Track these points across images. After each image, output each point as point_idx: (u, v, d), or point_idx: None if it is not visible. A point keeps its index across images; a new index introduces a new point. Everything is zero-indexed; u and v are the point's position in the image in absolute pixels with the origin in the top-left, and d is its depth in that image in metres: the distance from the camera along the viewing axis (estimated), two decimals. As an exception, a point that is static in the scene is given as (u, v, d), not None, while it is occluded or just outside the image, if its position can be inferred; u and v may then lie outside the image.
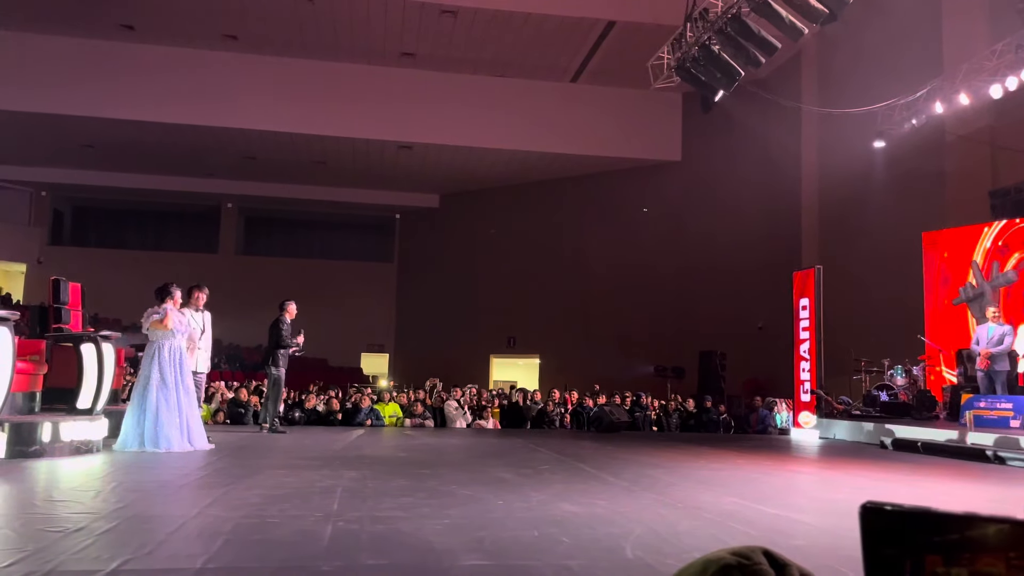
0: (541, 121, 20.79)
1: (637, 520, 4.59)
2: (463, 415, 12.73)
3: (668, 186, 21.41)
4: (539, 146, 21.10)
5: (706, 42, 10.21)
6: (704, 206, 20.40)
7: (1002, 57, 11.82)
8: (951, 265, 13.92)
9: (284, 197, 25.95)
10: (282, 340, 10.16)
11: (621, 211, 22.15)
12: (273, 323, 10.38)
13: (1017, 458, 7.88)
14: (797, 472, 7.82)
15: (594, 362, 20.44)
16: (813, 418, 12.10)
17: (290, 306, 10.43)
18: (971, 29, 13.81)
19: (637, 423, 12.86)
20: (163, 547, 3.56)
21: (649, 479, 6.37)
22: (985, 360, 10.06)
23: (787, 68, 18.61)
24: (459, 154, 21.78)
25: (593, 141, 21.07)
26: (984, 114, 13.27)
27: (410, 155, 22.09)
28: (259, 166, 23.64)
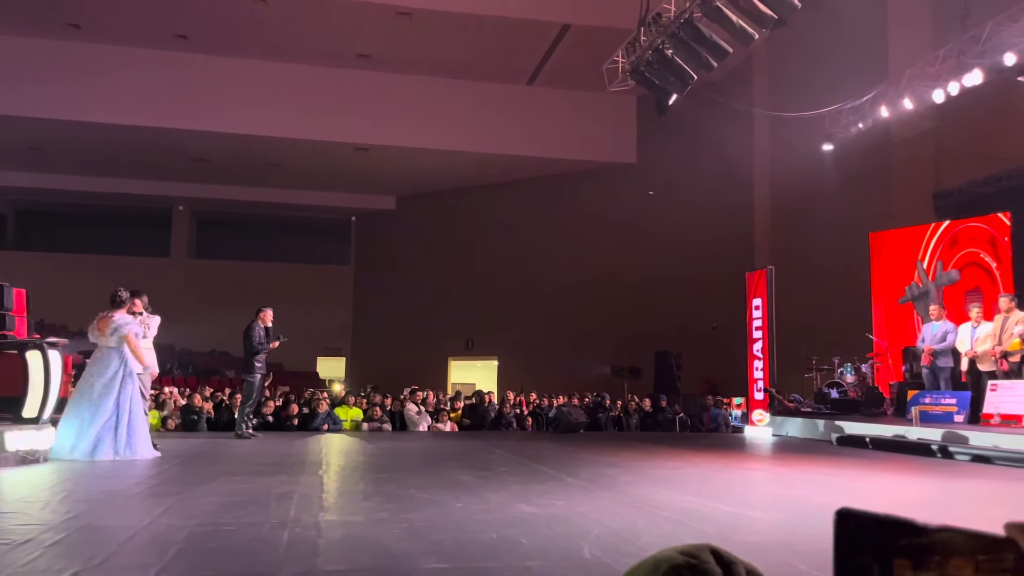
0: (497, 123, 20.84)
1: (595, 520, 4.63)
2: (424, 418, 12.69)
3: (624, 188, 21.61)
4: (496, 148, 21.14)
5: (660, 46, 10.35)
6: (659, 208, 20.64)
7: (945, 63, 12.18)
8: (898, 265, 14.30)
9: (237, 200, 25.56)
10: (253, 347, 10.03)
11: (578, 213, 22.29)
12: (246, 329, 10.23)
13: (961, 452, 8.13)
14: (751, 469, 7.96)
15: (552, 363, 20.54)
16: (766, 416, 12.32)
17: (266, 313, 10.30)
18: (915, 36, 14.21)
19: (599, 423, 12.96)
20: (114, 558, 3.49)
21: (607, 479, 6.43)
22: (929, 357, 10.36)
23: (739, 72, 18.92)
24: (415, 156, 21.70)
25: (549, 143, 21.17)
26: (928, 118, 13.66)
27: (366, 157, 21.94)
28: (211, 168, 23.26)
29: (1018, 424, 8.68)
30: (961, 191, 14.10)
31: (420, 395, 13.33)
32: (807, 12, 10.43)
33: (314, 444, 9.63)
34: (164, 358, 18.71)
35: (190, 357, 24.05)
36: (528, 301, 22.38)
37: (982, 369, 9.64)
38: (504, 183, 23.45)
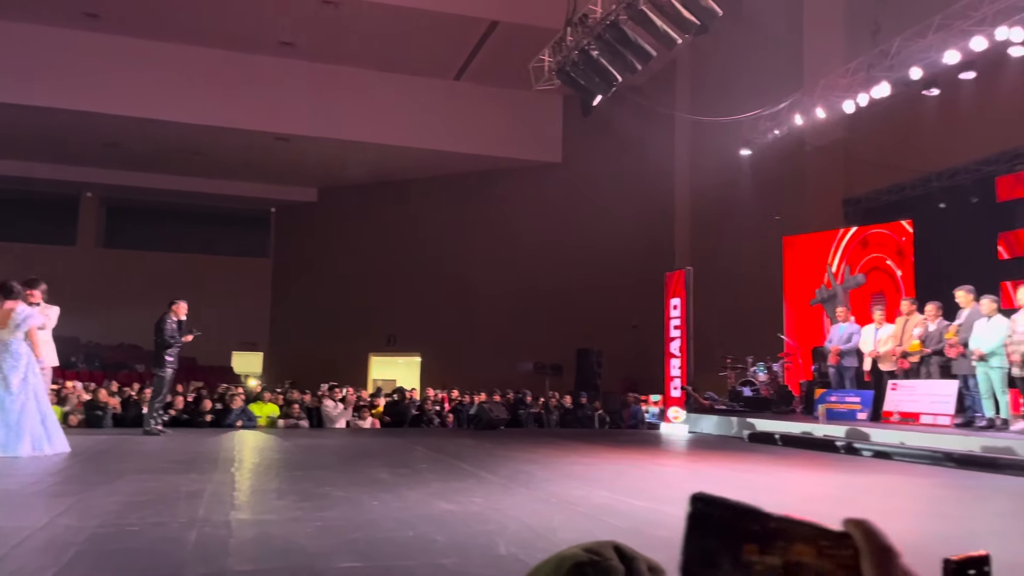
0: (423, 118, 20.68)
1: (512, 516, 4.64)
2: (343, 415, 12.50)
3: (549, 187, 21.76)
4: (421, 143, 20.98)
5: (585, 47, 10.45)
6: (583, 207, 20.88)
7: (855, 75, 12.69)
8: (809, 268, 14.84)
9: (151, 187, 24.61)
10: (165, 340, 9.66)
11: (503, 211, 22.33)
12: (157, 322, 9.84)
13: (863, 447, 8.50)
14: (665, 465, 8.13)
15: (476, 360, 20.53)
16: (682, 413, 12.61)
17: (178, 305, 9.92)
18: (829, 48, 14.76)
19: (520, 420, 13.02)
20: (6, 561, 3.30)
21: (525, 475, 6.47)
22: (835, 357, 10.79)
23: (663, 76, 19.29)
24: (338, 148, 21.33)
25: (475, 140, 21.14)
26: (839, 127, 14.21)
27: (287, 147, 21.45)
28: (123, 153, 22.33)
29: (915, 421, 9.13)
30: (868, 198, 14.73)
31: (339, 391, 13.13)
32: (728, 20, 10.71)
33: (227, 441, 9.36)
34: (68, 351, 17.91)
35: (97, 350, 23.06)
36: (452, 297, 22.31)
37: (883, 369, 10.10)
38: (429, 178, 23.30)
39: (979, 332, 8.50)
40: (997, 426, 8.33)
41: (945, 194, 12.98)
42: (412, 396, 14.51)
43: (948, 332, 9.00)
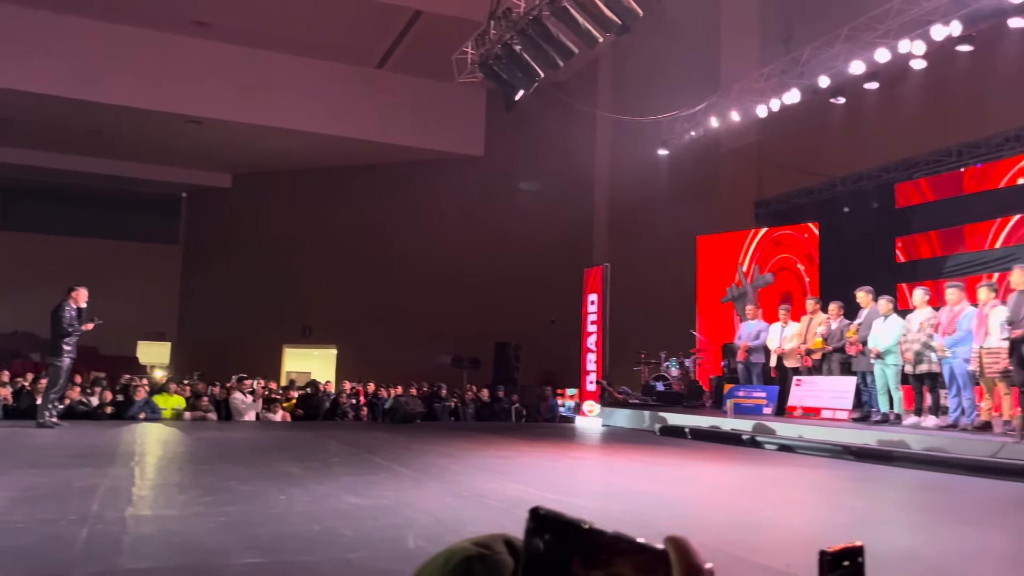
0: (343, 105, 20.28)
1: (423, 510, 4.60)
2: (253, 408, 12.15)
3: (470, 180, 21.69)
4: (340, 131, 20.56)
5: (508, 41, 10.44)
6: (505, 201, 20.90)
7: (769, 80, 13.10)
8: (721, 267, 15.26)
9: (48, 167, 23.31)
10: (62, 328, 9.16)
11: (424, 202, 22.13)
12: (54, 309, 9.31)
13: (768, 441, 8.79)
14: (579, 458, 8.22)
15: (393, 353, 20.31)
16: (597, 407, 12.79)
17: (78, 292, 9.41)
18: (744, 53, 15.19)
19: (435, 413, 12.94)
20: None
21: (438, 469, 6.43)
22: (744, 353, 11.13)
23: (585, 74, 19.48)
24: (254, 133, 20.70)
25: (396, 130, 20.86)
26: (752, 131, 14.66)
27: (200, 131, 20.69)
28: (16, 130, 21.07)
29: (817, 416, 9.50)
30: (779, 201, 15.24)
31: (249, 383, 12.76)
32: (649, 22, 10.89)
33: (128, 434, 8.97)
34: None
35: (-12, 338, 21.78)
36: (370, 289, 21.99)
37: (788, 365, 10.47)
38: (349, 167, 22.88)
39: (877, 331, 8.89)
40: (891, 421, 8.75)
41: (849, 199, 13.55)
42: (326, 389, 14.24)
43: (849, 331, 9.39)
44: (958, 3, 9.81)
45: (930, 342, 8.28)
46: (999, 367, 7.63)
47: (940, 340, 8.16)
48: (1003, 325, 7.51)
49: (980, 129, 11.58)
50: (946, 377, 8.21)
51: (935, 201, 12.43)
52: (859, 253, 13.00)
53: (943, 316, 8.27)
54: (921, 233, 12.56)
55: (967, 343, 7.96)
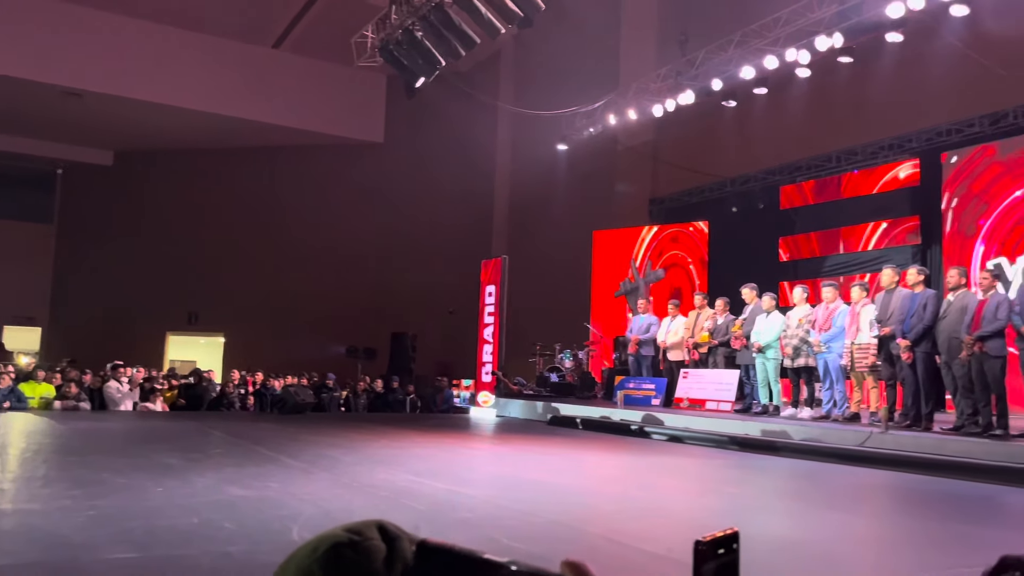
0: (236, 85, 19.50)
1: (310, 501, 4.49)
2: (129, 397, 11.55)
3: (370, 167, 21.31)
4: (233, 111, 19.77)
5: (410, 27, 10.30)
6: (404, 190, 20.63)
7: (665, 81, 13.45)
8: (615, 261, 15.60)
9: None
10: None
11: (321, 188, 21.60)
12: None
13: (656, 432, 9.04)
14: (472, 449, 8.22)
15: (285, 342, 19.76)
16: (492, 397, 12.84)
17: None
18: (642, 52, 15.53)
19: (323, 404, 12.66)
20: None
21: (328, 460, 6.28)
22: (634, 346, 11.41)
23: (488, 65, 19.47)
24: (139, 109, 19.62)
25: (293, 113, 20.24)
26: (648, 130, 15.03)
27: (79, 104, 19.46)
28: None
29: (702, 407, 9.85)
30: (672, 199, 15.70)
31: (127, 371, 12.13)
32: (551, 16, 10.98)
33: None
34: None
35: None
36: (262, 275, 21.28)
37: (676, 359, 10.79)
38: (242, 149, 22.05)
39: (759, 327, 9.29)
40: (770, 412, 9.16)
41: (738, 199, 14.09)
42: (211, 378, 13.70)
43: (734, 326, 9.76)
44: (841, 16, 10.33)
45: (807, 337, 8.71)
46: (868, 362, 8.11)
47: (817, 336, 8.60)
48: (873, 323, 7.98)
49: (858, 137, 12.26)
50: (820, 371, 8.66)
51: (816, 204, 13.09)
52: (745, 251, 13.55)
53: (819, 313, 8.71)
54: (803, 234, 13.21)
55: (841, 339, 8.42)
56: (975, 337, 6.75)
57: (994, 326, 6.71)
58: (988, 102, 10.61)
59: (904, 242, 11.74)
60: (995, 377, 6.75)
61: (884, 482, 6.25)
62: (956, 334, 6.98)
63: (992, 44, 9.96)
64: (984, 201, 10.81)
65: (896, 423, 7.60)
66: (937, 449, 6.61)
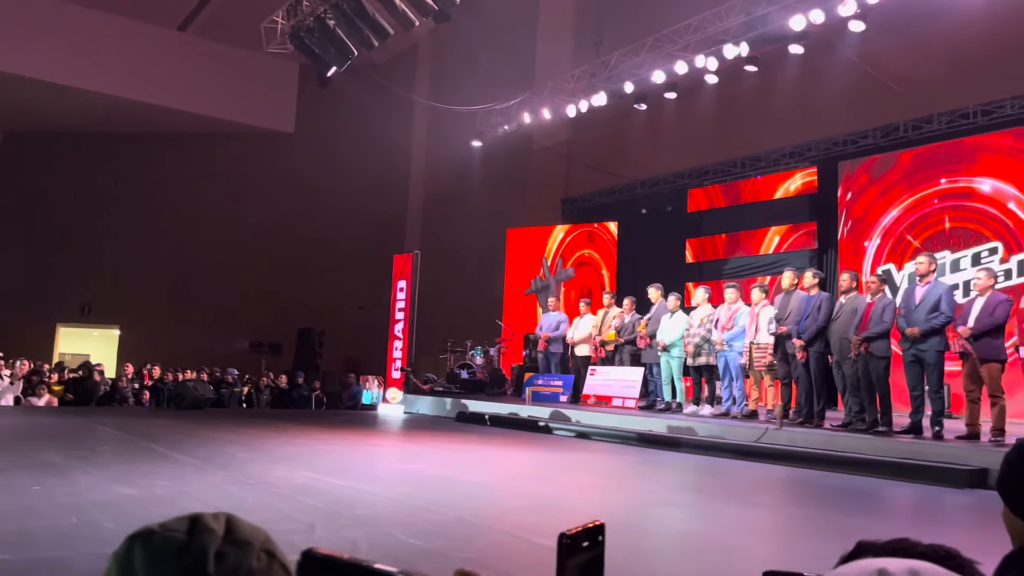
0: (138, 67, 18.63)
1: (202, 499, 4.32)
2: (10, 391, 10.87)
3: (279, 157, 20.76)
4: (133, 94, 18.89)
5: (322, 14, 10.06)
6: (315, 182, 20.18)
7: (579, 82, 13.60)
8: (528, 259, 15.68)
9: None
10: None
11: (227, 177, 20.88)
12: None
13: (562, 428, 9.12)
14: (377, 445, 8.10)
15: (185, 336, 19.02)
16: (400, 394, 12.70)
17: None
18: (558, 52, 15.66)
19: (223, 400, 12.24)
20: None
21: (225, 457, 6.07)
22: (544, 343, 11.48)
23: (404, 58, 19.25)
24: (33, 88, 18.53)
25: (198, 98, 19.50)
26: (563, 129, 15.16)
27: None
28: None
29: (608, 404, 9.99)
30: (584, 199, 15.89)
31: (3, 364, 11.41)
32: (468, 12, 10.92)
33: None
34: None
35: None
36: (162, 266, 20.44)
37: (583, 355, 10.92)
38: (142, 134, 21.10)
39: (664, 326, 9.49)
40: (673, 409, 9.38)
41: (647, 201, 14.38)
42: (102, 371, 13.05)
43: (640, 325, 9.95)
44: (747, 26, 10.67)
45: (709, 337, 8.96)
46: (766, 361, 8.40)
47: (719, 335, 8.85)
48: (772, 321, 8.27)
49: (762, 144, 12.70)
50: (721, 369, 8.92)
51: (721, 208, 13.50)
52: (654, 252, 13.84)
53: (721, 313, 8.97)
54: (708, 236, 13.60)
55: (741, 338, 8.69)
56: (861, 338, 7.09)
57: (879, 328, 7.06)
58: (881, 115, 11.17)
59: (802, 246, 12.23)
60: (879, 376, 7.10)
61: (778, 476, 6.48)
62: (846, 335, 7.30)
63: (886, 60, 10.48)
64: (875, 210, 11.37)
65: (790, 420, 7.91)
66: (827, 445, 6.90)
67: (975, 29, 9.70)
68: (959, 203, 10.50)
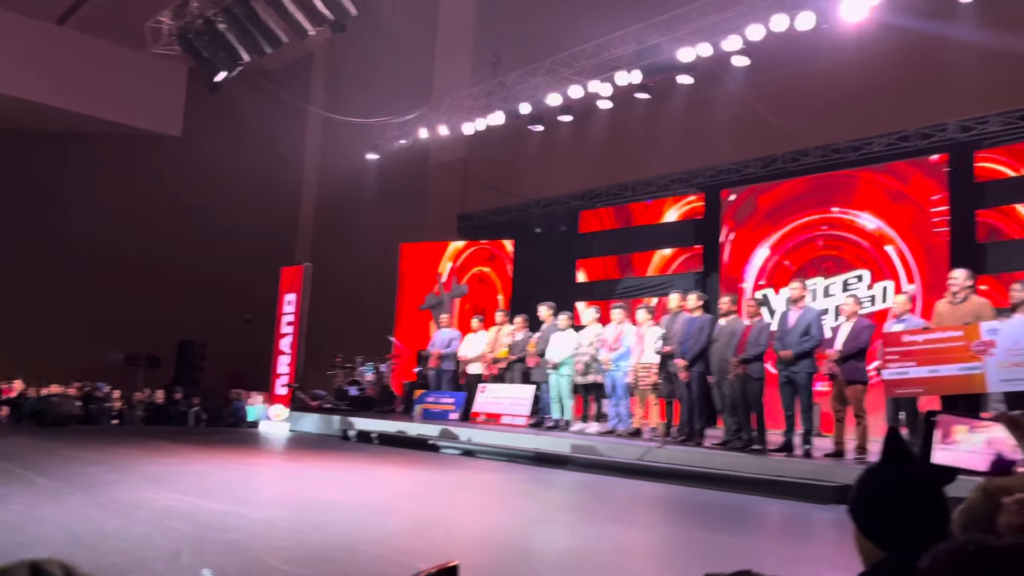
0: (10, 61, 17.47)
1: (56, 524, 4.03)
2: None
3: (164, 161, 19.85)
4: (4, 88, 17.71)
5: (211, 17, 9.72)
6: (202, 189, 19.38)
7: (477, 99, 13.66)
8: (422, 274, 15.56)
9: None
10: None
11: (106, 179, 19.77)
12: None
13: (449, 446, 9.06)
14: (256, 465, 7.80)
15: (52, 347, 17.82)
16: (285, 411, 12.31)
17: None
18: (456, 69, 15.70)
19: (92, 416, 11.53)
20: None
21: (88, 478, 5.70)
22: (436, 360, 11.40)
23: (299, 67, 18.85)
24: None
25: (76, 96, 18.42)
26: (460, 146, 15.18)
27: None
28: None
29: (497, 422, 10.00)
30: (480, 216, 15.93)
31: None
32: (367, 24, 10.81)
33: None
34: None
35: None
36: (28, 270, 19.10)
37: (474, 372, 10.91)
38: (13, 131, 19.76)
39: (554, 344, 9.60)
40: (561, 427, 9.48)
41: (541, 220, 14.56)
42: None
43: (531, 343, 10.03)
44: (639, 55, 11.01)
45: (597, 356, 9.12)
46: (651, 380, 8.61)
47: (606, 354, 9.02)
48: (657, 341, 8.49)
49: (651, 169, 13.09)
50: (608, 388, 9.09)
51: (612, 230, 13.81)
52: (547, 271, 14.01)
53: (609, 333, 9.15)
54: (599, 257, 13.88)
55: (627, 358, 8.88)
56: (739, 360, 7.38)
57: (755, 351, 7.37)
58: (761, 146, 11.73)
59: (688, 269, 12.65)
60: (755, 397, 7.41)
61: (659, 494, 6.63)
62: (725, 356, 7.59)
63: (766, 94, 11.03)
64: (755, 236, 11.91)
65: (673, 438, 8.13)
66: (705, 463, 7.12)
67: (849, 71, 10.35)
68: (831, 232, 11.14)
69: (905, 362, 6.51)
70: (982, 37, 9.02)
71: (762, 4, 9.68)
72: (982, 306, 6.55)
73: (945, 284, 7.02)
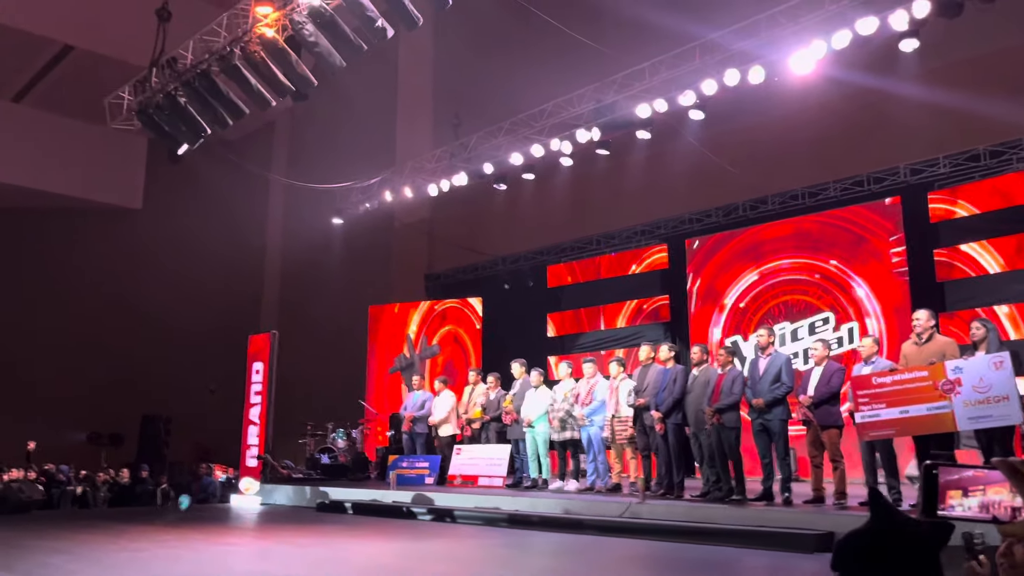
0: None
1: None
2: None
3: (125, 235, 19.65)
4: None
5: (172, 91, 9.73)
6: (164, 261, 19.18)
7: (440, 161, 13.79)
8: (391, 337, 15.44)
9: None
10: None
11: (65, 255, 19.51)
12: None
13: (425, 513, 8.85)
14: (227, 545, 7.54)
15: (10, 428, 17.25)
16: (256, 484, 11.98)
17: None
18: (418, 132, 15.89)
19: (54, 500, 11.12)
20: None
21: (50, 569, 5.47)
22: (409, 423, 11.23)
23: (260, 136, 18.92)
24: None
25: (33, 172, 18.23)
26: (424, 207, 15.26)
27: None
28: None
29: (474, 484, 9.84)
30: (447, 275, 15.94)
31: None
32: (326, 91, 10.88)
33: None
34: None
35: None
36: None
37: (446, 435, 10.75)
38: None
39: (528, 401, 9.52)
40: (539, 485, 9.34)
41: (509, 276, 14.60)
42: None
43: (505, 401, 9.94)
44: (597, 112, 11.24)
45: (572, 411, 9.06)
46: (627, 434, 8.55)
47: (580, 409, 8.96)
48: (630, 393, 8.46)
49: (615, 222, 13.26)
50: (584, 443, 9.00)
51: (579, 283, 13.89)
52: (517, 327, 14.00)
53: (582, 387, 9.11)
54: (569, 311, 13.92)
55: (602, 411, 8.83)
56: (714, 409, 7.37)
57: (730, 400, 7.38)
58: (722, 196, 11.96)
59: (656, 319, 12.72)
60: (731, 446, 7.39)
61: (642, 553, 6.51)
62: (701, 406, 7.58)
63: (723, 145, 11.30)
64: (719, 284, 12.05)
65: (652, 492, 8.04)
66: (687, 516, 7.04)
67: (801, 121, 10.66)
68: (795, 276, 11.31)
69: (876, 404, 6.55)
70: (925, 83, 9.37)
71: (714, 60, 9.97)
72: (947, 345, 6.64)
73: (909, 324, 7.12)
